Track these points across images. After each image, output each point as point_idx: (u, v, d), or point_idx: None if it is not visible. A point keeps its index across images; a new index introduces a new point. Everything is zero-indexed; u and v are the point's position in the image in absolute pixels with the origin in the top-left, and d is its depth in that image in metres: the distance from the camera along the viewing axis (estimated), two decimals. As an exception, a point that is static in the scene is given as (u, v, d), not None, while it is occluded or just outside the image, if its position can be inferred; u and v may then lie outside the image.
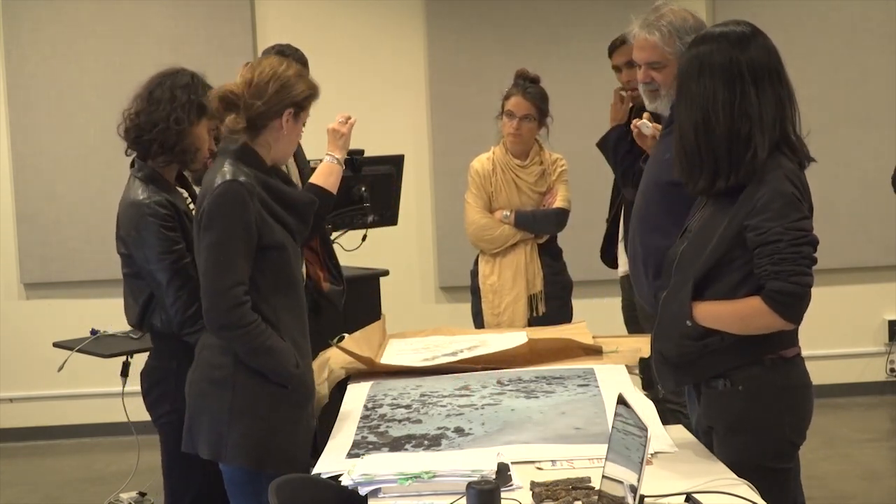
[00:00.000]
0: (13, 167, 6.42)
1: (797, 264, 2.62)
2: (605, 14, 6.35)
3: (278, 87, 3.04)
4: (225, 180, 2.96)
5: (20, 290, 6.54)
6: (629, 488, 2.25)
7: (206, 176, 3.07)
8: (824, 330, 3.69)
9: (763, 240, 2.64)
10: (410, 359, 3.86)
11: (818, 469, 5.01)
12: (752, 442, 2.75)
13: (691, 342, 2.78)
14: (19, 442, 6.45)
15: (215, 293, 2.95)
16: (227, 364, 3.01)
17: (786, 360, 2.76)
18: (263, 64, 3.08)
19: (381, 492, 2.55)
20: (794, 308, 2.65)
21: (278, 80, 3.04)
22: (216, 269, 2.95)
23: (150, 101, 3.40)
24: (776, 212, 2.64)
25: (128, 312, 3.54)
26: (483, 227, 4.77)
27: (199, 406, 3.08)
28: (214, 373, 3.04)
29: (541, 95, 4.74)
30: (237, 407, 3.01)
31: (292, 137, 3.14)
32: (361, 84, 6.52)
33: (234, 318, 2.94)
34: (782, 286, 2.62)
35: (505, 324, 4.69)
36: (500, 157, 4.78)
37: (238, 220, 2.95)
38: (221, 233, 2.95)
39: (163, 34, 6.37)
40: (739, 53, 2.74)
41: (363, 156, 4.75)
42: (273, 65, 3.07)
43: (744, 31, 2.79)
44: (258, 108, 3.02)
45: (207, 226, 2.96)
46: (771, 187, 2.66)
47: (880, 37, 6.58)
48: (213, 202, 2.95)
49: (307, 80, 3.13)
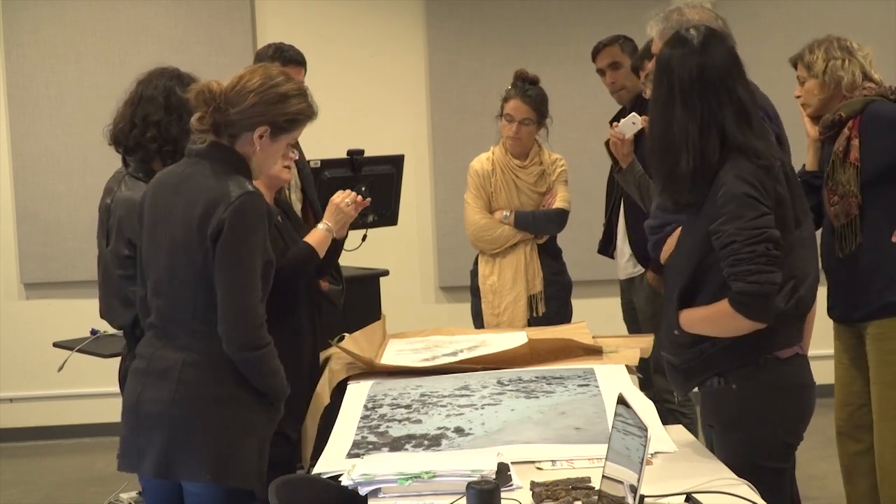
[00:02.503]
0: (13, 167, 6.42)
1: (753, 263, 2.63)
2: (605, 14, 6.36)
3: (256, 101, 2.85)
4: (244, 192, 2.81)
5: (20, 290, 6.54)
6: (629, 488, 2.25)
7: (193, 175, 2.89)
8: (824, 330, 3.68)
9: (721, 243, 2.67)
10: (410, 359, 3.86)
11: (818, 469, 5.01)
12: (746, 440, 2.77)
13: (685, 349, 2.81)
14: (19, 442, 6.45)
15: (242, 312, 2.81)
16: (221, 381, 2.87)
17: (780, 360, 2.77)
18: (258, 72, 2.91)
19: (381, 492, 2.55)
20: (757, 307, 2.66)
21: (262, 93, 2.86)
22: (243, 287, 2.81)
23: (168, 111, 3.33)
24: (730, 214, 2.66)
25: (112, 314, 3.50)
26: (483, 227, 4.77)
27: (188, 428, 2.86)
28: (210, 391, 2.87)
29: (540, 98, 4.72)
30: (238, 425, 2.89)
31: (268, 157, 2.95)
32: (361, 84, 6.52)
33: (257, 337, 2.85)
34: (742, 287, 2.64)
35: (505, 324, 4.69)
36: (499, 158, 4.77)
37: (260, 234, 2.84)
38: (247, 251, 2.81)
39: (163, 34, 6.37)
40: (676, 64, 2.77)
41: (363, 156, 4.76)
42: (265, 76, 2.90)
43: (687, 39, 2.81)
44: (230, 116, 2.85)
45: (229, 244, 2.79)
46: (724, 190, 2.68)
47: (880, 37, 6.57)
48: (234, 218, 2.78)
49: (301, 101, 2.93)
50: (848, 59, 3.75)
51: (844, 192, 3.69)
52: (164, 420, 2.87)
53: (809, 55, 3.79)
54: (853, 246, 3.69)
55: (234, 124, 2.87)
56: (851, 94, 3.73)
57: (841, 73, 3.73)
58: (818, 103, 3.80)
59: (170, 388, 2.87)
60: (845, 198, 3.69)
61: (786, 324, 2.75)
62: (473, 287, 4.88)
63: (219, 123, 2.87)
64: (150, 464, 2.89)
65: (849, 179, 3.67)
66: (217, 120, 2.86)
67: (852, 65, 3.74)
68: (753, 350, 2.74)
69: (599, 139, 4.71)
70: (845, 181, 3.68)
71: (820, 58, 3.76)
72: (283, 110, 2.89)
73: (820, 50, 3.78)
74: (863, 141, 3.64)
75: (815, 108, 3.83)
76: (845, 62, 3.74)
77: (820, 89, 3.77)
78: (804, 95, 3.84)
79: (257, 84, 2.87)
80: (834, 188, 3.72)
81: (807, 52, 3.80)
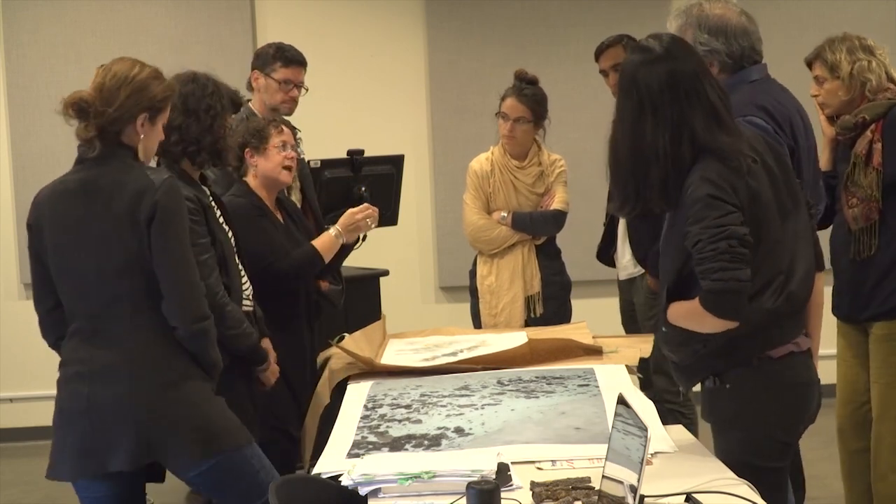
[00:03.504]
0: (13, 167, 6.42)
1: (716, 261, 2.64)
2: (605, 14, 6.36)
3: (129, 92, 2.98)
4: (168, 175, 3.03)
5: (20, 290, 6.54)
6: (629, 488, 2.25)
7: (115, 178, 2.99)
8: (825, 330, 3.68)
9: (689, 244, 2.69)
10: (410, 359, 3.86)
11: (819, 469, 5.00)
12: (742, 439, 2.78)
13: (680, 348, 2.82)
14: (19, 442, 6.44)
15: (190, 286, 2.99)
16: (172, 365, 3.00)
17: (774, 359, 2.76)
18: (114, 68, 3.01)
19: (381, 492, 2.55)
20: (724, 304, 2.66)
21: (129, 84, 2.98)
22: (185, 263, 2.99)
23: (186, 114, 3.43)
24: (694, 216, 2.68)
25: None
26: (480, 228, 4.76)
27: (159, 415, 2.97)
28: (166, 376, 2.98)
29: (536, 97, 4.70)
30: (202, 398, 3.04)
31: (152, 140, 3.09)
32: (361, 84, 6.52)
33: (205, 307, 3.02)
34: (709, 285, 2.66)
35: (502, 325, 4.68)
36: (498, 158, 4.77)
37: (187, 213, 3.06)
38: (179, 229, 2.99)
39: (163, 34, 6.36)
40: (643, 74, 2.76)
41: (363, 156, 4.76)
42: (125, 69, 3.01)
43: (651, 48, 2.80)
44: (110, 115, 2.97)
45: (163, 225, 2.94)
46: (690, 192, 2.69)
47: (880, 37, 6.54)
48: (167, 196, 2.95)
49: (163, 82, 3.07)
50: (874, 60, 3.68)
51: (865, 195, 3.65)
52: (129, 416, 2.95)
53: (832, 55, 3.68)
54: (871, 250, 3.67)
55: (116, 121, 2.98)
56: (874, 97, 3.68)
57: (868, 75, 3.65)
58: (839, 104, 3.73)
59: (123, 383, 2.95)
60: (866, 202, 3.65)
61: (777, 321, 2.74)
62: (472, 287, 4.88)
63: (103, 125, 2.98)
64: (126, 455, 2.96)
65: (870, 183, 3.64)
66: (100, 123, 2.97)
67: (878, 66, 3.69)
68: (746, 350, 2.74)
69: (599, 139, 4.70)
70: (867, 185, 3.64)
71: (844, 59, 3.66)
72: (153, 93, 3.02)
73: (842, 50, 3.69)
74: (886, 145, 3.60)
75: (834, 109, 3.75)
76: (871, 63, 3.66)
77: (845, 91, 3.69)
78: (824, 96, 3.75)
79: (121, 79, 2.99)
80: (854, 191, 3.69)
81: (828, 51, 3.71)
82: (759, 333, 2.72)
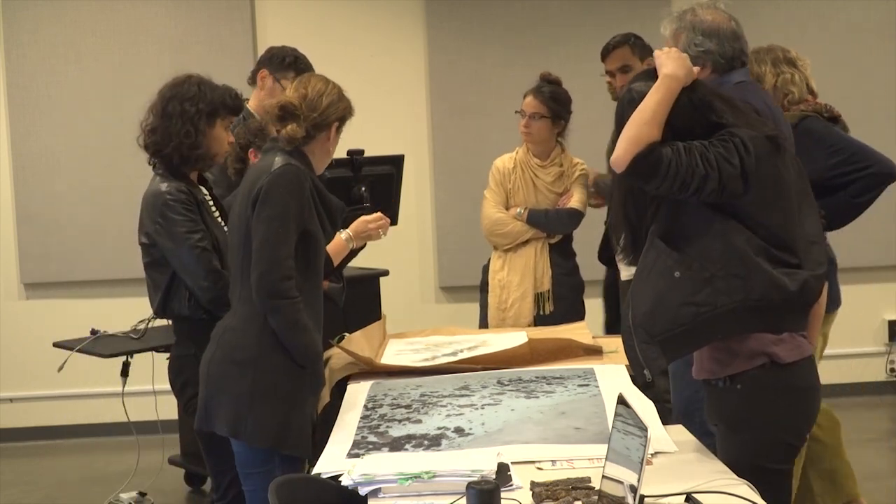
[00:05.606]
0: (13, 167, 6.42)
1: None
2: (605, 14, 6.35)
3: (330, 102, 3.28)
4: (286, 163, 3.18)
5: (20, 290, 6.54)
6: (629, 488, 2.25)
7: (259, 163, 3.28)
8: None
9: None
10: (410, 359, 3.86)
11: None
12: (749, 441, 2.77)
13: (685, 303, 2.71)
14: (19, 442, 6.44)
15: (272, 262, 3.10)
16: (250, 345, 3.15)
17: (784, 364, 2.76)
18: (313, 81, 3.32)
19: (381, 492, 2.55)
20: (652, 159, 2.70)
21: (329, 95, 3.29)
22: (275, 239, 3.11)
23: (163, 117, 3.57)
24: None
25: (151, 301, 3.68)
26: (496, 221, 4.81)
27: (218, 386, 3.20)
28: (237, 354, 3.17)
29: (554, 95, 4.79)
30: (259, 388, 3.14)
31: (332, 148, 3.37)
32: (361, 84, 6.46)
33: (285, 288, 3.11)
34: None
35: (510, 319, 4.71)
36: (521, 157, 4.86)
37: (296, 198, 3.15)
38: (281, 208, 3.13)
39: (163, 34, 6.35)
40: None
41: (363, 156, 4.75)
42: (323, 81, 3.32)
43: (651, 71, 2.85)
44: (314, 119, 3.25)
45: (266, 200, 3.12)
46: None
47: (880, 37, 6.57)
48: (273, 181, 3.14)
49: (347, 97, 3.36)
50: (796, 73, 3.77)
51: None
52: (204, 378, 3.26)
53: (757, 67, 3.77)
54: None
55: (318, 126, 3.27)
56: (791, 107, 3.76)
57: (791, 88, 3.77)
58: None
59: (212, 349, 3.26)
60: None
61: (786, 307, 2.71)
62: (483, 281, 4.91)
63: (308, 128, 3.25)
64: (197, 417, 3.28)
65: None
66: (307, 125, 3.25)
67: (800, 79, 3.76)
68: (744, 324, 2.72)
69: (599, 139, 4.71)
70: None
71: (769, 71, 3.76)
72: (344, 105, 3.34)
73: (767, 62, 3.77)
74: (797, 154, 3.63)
75: None
76: (794, 76, 3.78)
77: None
78: None
79: (321, 89, 3.30)
80: None
81: (753, 63, 3.75)
82: (763, 310, 2.69)
